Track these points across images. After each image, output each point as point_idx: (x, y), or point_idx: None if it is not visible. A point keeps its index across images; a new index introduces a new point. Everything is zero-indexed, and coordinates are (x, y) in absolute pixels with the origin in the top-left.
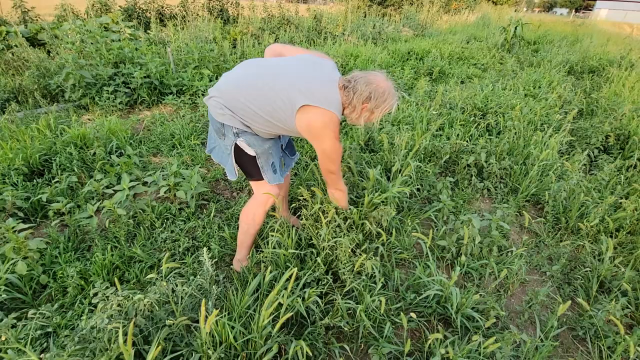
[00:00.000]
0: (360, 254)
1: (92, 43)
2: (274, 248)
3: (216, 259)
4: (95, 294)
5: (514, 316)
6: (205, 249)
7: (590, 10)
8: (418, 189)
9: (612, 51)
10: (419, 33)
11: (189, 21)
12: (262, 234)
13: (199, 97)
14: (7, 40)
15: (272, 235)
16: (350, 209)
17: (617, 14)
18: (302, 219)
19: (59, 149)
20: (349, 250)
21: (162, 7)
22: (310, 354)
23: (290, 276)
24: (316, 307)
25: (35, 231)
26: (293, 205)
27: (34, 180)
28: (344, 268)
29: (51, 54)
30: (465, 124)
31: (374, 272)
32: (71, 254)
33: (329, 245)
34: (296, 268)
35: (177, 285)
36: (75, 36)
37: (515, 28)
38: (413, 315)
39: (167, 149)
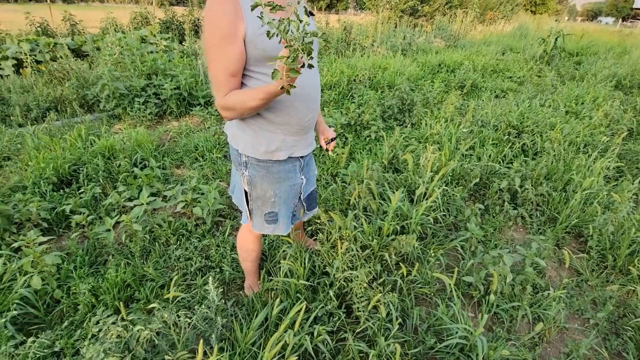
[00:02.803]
0: (377, 287)
1: (128, 55)
2: (285, 276)
3: (227, 282)
4: (97, 322)
5: None
6: (211, 278)
7: (639, 19)
8: (444, 215)
9: None
10: (451, 44)
11: None
12: (275, 258)
13: None
14: (54, 51)
15: (284, 264)
16: None
17: None
18: (317, 243)
19: (87, 159)
20: (365, 284)
21: (198, 19)
22: None
23: (299, 310)
24: (325, 347)
25: (57, 242)
26: (310, 228)
27: (62, 190)
28: (358, 303)
29: (92, 66)
30: (498, 144)
31: (390, 311)
32: (86, 269)
33: (343, 277)
34: (305, 302)
35: (179, 317)
36: (115, 48)
37: (556, 39)
38: None
39: (190, 161)
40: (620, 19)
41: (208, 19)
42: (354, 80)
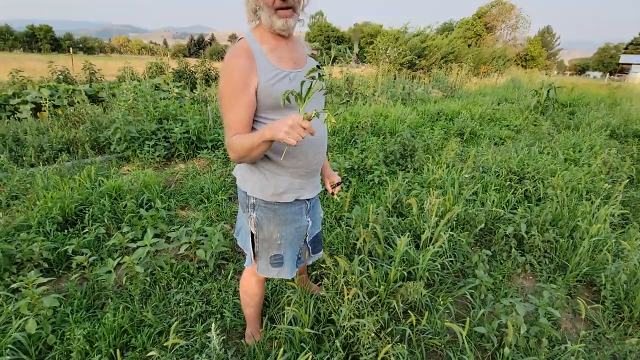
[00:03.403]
0: (385, 337)
1: (142, 101)
2: (289, 324)
3: (228, 329)
4: None
5: None
6: (213, 325)
7: (626, 73)
8: (451, 261)
9: None
10: (448, 94)
11: None
12: (278, 304)
13: None
14: (72, 97)
15: (288, 310)
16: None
17: None
18: (322, 289)
19: (94, 199)
20: (372, 334)
21: (209, 70)
22: None
23: None
24: None
25: (56, 284)
26: (314, 272)
27: (66, 230)
28: (365, 355)
29: (106, 110)
30: (501, 189)
31: None
32: (83, 313)
33: (349, 325)
34: (310, 353)
35: None
36: (129, 94)
37: (548, 91)
38: None
39: (195, 202)
40: (608, 73)
41: (224, 70)
42: (357, 126)
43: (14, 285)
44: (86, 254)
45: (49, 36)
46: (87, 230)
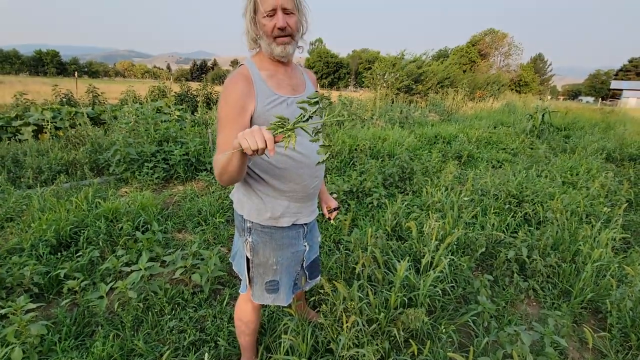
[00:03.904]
0: None
1: (143, 123)
2: (286, 353)
3: (222, 359)
4: None
5: None
6: (207, 355)
7: (618, 98)
8: (452, 286)
9: None
10: (445, 118)
11: None
12: (275, 332)
13: None
14: (74, 119)
15: (285, 338)
16: None
17: None
18: (320, 316)
19: (90, 222)
20: None
21: (210, 93)
22: None
23: None
24: None
25: (45, 310)
26: (312, 298)
27: (60, 253)
28: None
29: (107, 132)
30: (500, 212)
31: None
32: (71, 341)
33: (349, 355)
34: None
35: None
36: (131, 117)
37: (543, 115)
38: None
39: (193, 225)
40: (600, 98)
41: (223, 94)
42: (356, 149)
43: (1, 311)
44: (78, 278)
45: (55, 60)
46: (80, 253)
